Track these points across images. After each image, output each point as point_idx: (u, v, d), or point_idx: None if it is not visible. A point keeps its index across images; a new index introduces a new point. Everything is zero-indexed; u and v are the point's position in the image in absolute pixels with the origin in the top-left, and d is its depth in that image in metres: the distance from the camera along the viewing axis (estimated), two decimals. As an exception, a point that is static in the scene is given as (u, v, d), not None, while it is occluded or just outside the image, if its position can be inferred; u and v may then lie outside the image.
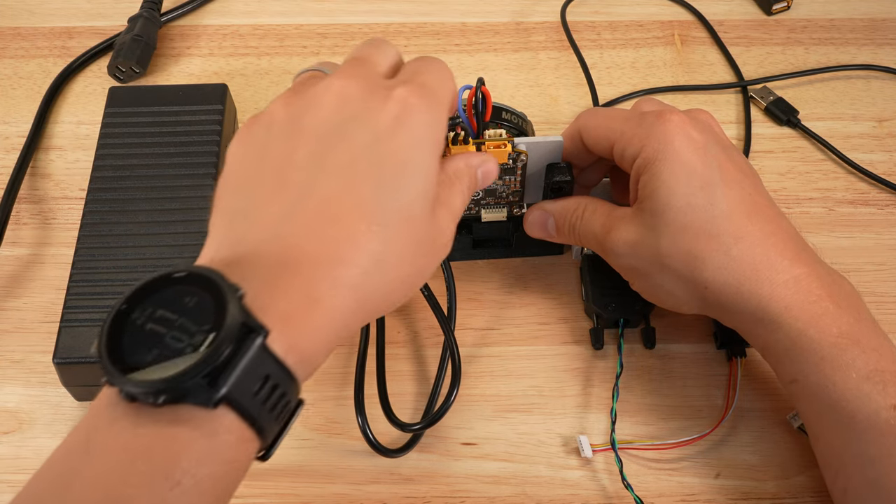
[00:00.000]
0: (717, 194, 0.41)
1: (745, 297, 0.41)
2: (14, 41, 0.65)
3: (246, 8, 0.67)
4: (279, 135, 0.35)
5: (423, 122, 0.35)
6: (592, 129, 0.45)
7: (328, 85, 0.35)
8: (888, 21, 0.67)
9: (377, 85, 0.36)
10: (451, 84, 0.38)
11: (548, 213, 0.48)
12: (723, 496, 0.45)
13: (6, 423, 0.47)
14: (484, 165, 0.40)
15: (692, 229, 0.41)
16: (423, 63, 0.38)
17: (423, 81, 0.36)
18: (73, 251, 0.49)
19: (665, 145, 0.41)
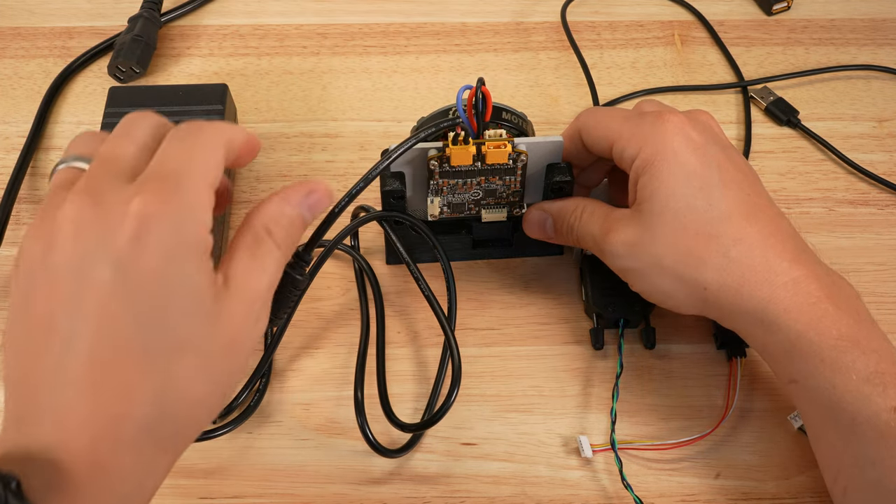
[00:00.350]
0: (716, 195, 0.41)
1: (745, 298, 0.41)
2: (14, 41, 0.65)
3: (246, 8, 0.67)
4: (37, 281, 0.31)
5: (167, 231, 0.30)
6: (592, 128, 0.45)
7: (65, 214, 0.31)
8: (888, 21, 0.67)
9: (113, 201, 0.31)
10: (202, 156, 0.33)
11: (546, 213, 0.48)
12: (723, 496, 0.45)
13: (6, 424, 0.47)
14: (310, 198, 0.36)
15: (691, 230, 0.41)
16: (175, 141, 0.33)
17: (165, 173, 0.32)
18: (73, 251, 0.49)
19: (664, 146, 0.41)
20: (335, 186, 0.57)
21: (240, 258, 0.34)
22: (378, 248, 0.54)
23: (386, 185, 0.47)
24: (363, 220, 0.50)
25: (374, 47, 0.65)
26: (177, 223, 0.31)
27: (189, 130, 0.34)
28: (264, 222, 0.34)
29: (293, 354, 0.50)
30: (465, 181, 0.48)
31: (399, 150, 0.44)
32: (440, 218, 0.49)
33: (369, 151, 0.59)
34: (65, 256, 0.31)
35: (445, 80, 0.63)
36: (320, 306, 0.52)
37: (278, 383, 0.49)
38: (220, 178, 0.33)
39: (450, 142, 0.45)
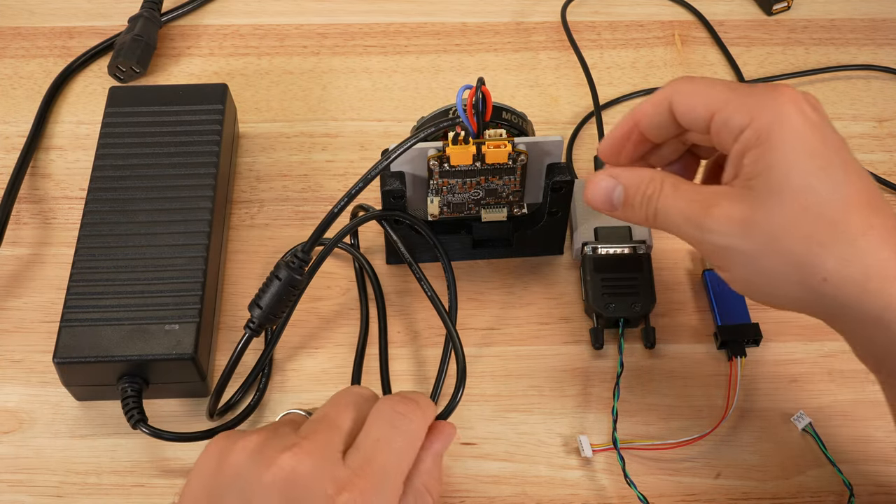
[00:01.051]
0: (840, 178, 0.36)
1: (871, 295, 0.36)
2: (14, 41, 0.65)
3: (246, 8, 0.67)
4: (228, 489, 0.35)
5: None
6: (689, 94, 0.39)
7: (282, 464, 0.35)
8: (888, 21, 0.67)
9: (327, 478, 0.34)
10: (408, 456, 0.37)
11: (616, 180, 0.42)
12: (723, 496, 0.45)
13: (6, 423, 0.47)
14: (445, 441, 0.40)
15: (812, 212, 0.36)
16: (387, 427, 0.37)
17: (374, 471, 0.35)
18: (73, 251, 0.49)
19: (782, 118, 0.37)
20: (335, 186, 0.57)
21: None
22: (378, 247, 0.54)
23: (386, 185, 0.47)
24: (363, 219, 0.50)
25: (374, 47, 0.65)
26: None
27: (402, 420, 0.37)
28: (423, 481, 0.37)
29: (293, 354, 0.50)
30: (465, 181, 0.48)
31: (399, 149, 0.44)
32: (440, 217, 0.49)
33: (369, 151, 0.59)
34: (265, 495, 0.34)
35: (445, 80, 0.63)
36: (320, 306, 0.52)
37: (278, 383, 0.49)
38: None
39: (450, 141, 0.45)
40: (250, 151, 0.59)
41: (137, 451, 0.46)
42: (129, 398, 0.45)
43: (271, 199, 0.56)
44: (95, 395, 0.48)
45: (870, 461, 0.46)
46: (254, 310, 0.44)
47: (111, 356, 0.45)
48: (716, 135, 0.39)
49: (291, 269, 0.43)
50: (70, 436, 0.47)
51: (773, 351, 0.50)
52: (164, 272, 0.48)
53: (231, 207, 0.56)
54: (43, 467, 0.46)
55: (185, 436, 0.45)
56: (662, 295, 0.52)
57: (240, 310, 0.52)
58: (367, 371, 0.49)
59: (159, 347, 0.45)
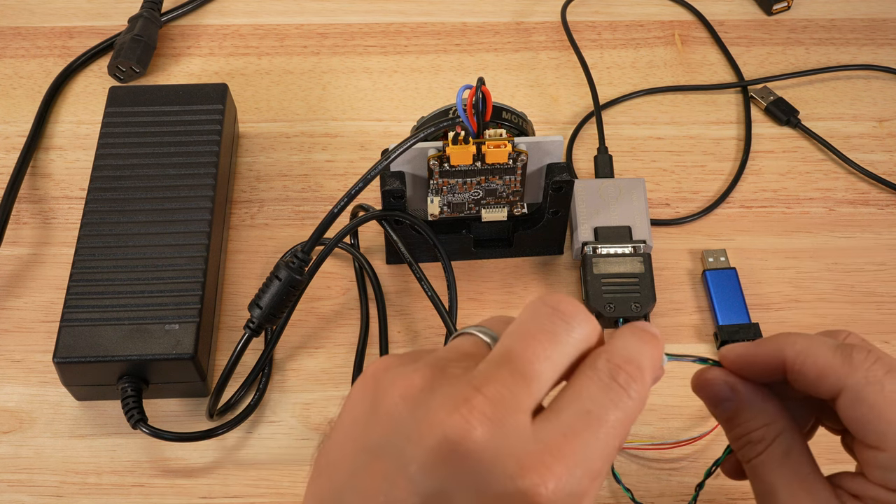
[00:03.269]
0: None
1: None
2: (14, 41, 0.65)
3: (246, 8, 0.67)
4: (382, 446, 0.27)
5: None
6: (869, 408, 0.31)
7: (452, 427, 0.26)
8: (888, 21, 0.67)
9: (507, 449, 0.26)
10: (621, 436, 0.28)
11: (733, 393, 0.35)
12: (723, 496, 0.45)
13: (6, 423, 0.48)
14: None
15: None
16: (598, 398, 0.28)
17: (576, 449, 0.26)
18: (73, 251, 0.49)
19: None
20: (335, 186, 0.57)
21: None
22: (378, 247, 0.54)
23: (386, 185, 0.47)
24: (363, 219, 0.50)
25: (374, 47, 0.65)
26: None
27: (623, 390, 0.28)
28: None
29: (293, 354, 0.50)
30: (465, 181, 0.48)
31: (399, 149, 0.44)
32: (440, 217, 0.49)
33: (369, 151, 0.59)
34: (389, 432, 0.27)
35: (445, 80, 0.63)
36: (320, 306, 0.52)
37: (278, 383, 0.49)
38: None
39: (450, 141, 0.45)
40: (250, 151, 0.59)
41: (137, 451, 0.46)
42: (129, 398, 0.45)
43: (271, 199, 0.56)
44: (95, 395, 0.48)
45: (870, 461, 0.46)
46: (254, 310, 0.44)
47: (111, 356, 0.45)
48: (871, 466, 0.32)
49: (291, 269, 0.43)
50: (70, 436, 0.47)
51: (773, 351, 0.50)
52: (164, 272, 0.48)
53: (231, 207, 0.56)
54: (43, 467, 0.46)
55: (185, 436, 0.45)
56: (662, 295, 0.52)
57: (240, 310, 0.52)
58: (367, 371, 0.49)
59: (159, 347, 0.45)
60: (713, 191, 0.57)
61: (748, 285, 0.52)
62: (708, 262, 0.52)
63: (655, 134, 0.60)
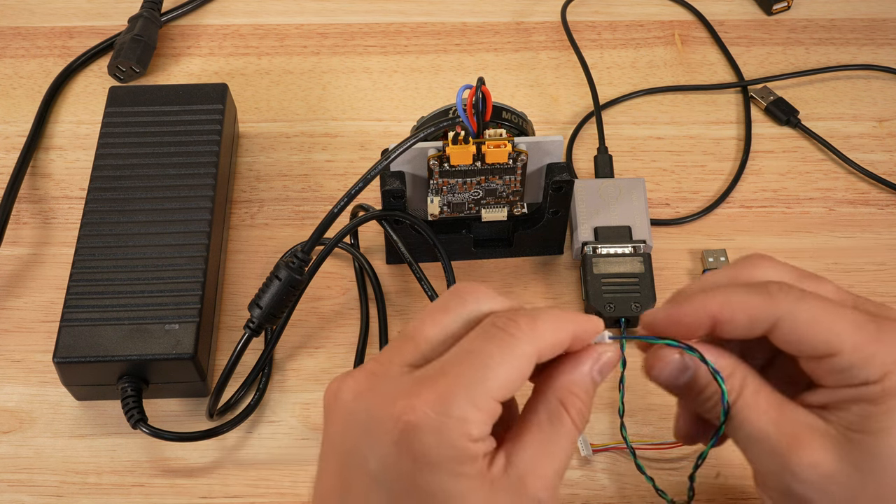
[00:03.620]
0: None
1: None
2: (14, 41, 0.65)
3: (246, 8, 0.67)
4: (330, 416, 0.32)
5: (426, 443, 0.29)
6: (806, 323, 0.33)
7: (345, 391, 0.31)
8: (888, 21, 0.67)
9: (388, 393, 0.30)
10: (502, 368, 0.30)
11: (689, 365, 0.35)
12: (723, 496, 0.45)
13: (6, 423, 0.48)
14: (601, 360, 0.33)
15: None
16: (479, 339, 0.30)
17: (446, 379, 0.29)
18: (73, 251, 0.49)
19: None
20: (335, 186, 0.57)
21: (530, 442, 0.31)
22: (378, 247, 0.54)
23: (386, 185, 0.47)
24: (363, 219, 0.50)
25: (374, 47, 0.65)
26: (438, 437, 0.29)
27: (501, 330, 0.31)
28: (560, 395, 0.32)
29: (293, 354, 0.50)
30: (465, 181, 0.48)
31: (399, 149, 0.44)
32: (440, 217, 0.49)
33: (369, 151, 0.59)
34: (341, 439, 0.31)
35: (445, 80, 0.63)
36: (320, 306, 0.52)
37: (278, 383, 0.49)
38: (518, 390, 0.31)
39: (450, 141, 0.45)
40: (250, 151, 0.59)
41: (137, 450, 0.46)
42: (129, 398, 0.45)
43: (271, 199, 0.56)
44: (95, 394, 0.48)
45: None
46: (254, 310, 0.44)
47: (111, 356, 0.45)
48: (824, 373, 0.33)
49: (291, 269, 0.43)
50: (70, 436, 0.47)
51: (773, 351, 0.50)
52: (164, 272, 0.48)
53: (231, 207, 0.56)
54: (43, 467, 0.46)
55: (185, 436, 0.45)
56: (662, 295, 0.52)
57: (240, 310, 0.52)
58: (367, 371, 0.49)
59: (159, 347, 0.45)
60: (713, 191, 0.57)
61: (748, 285, 0.52)
62: (708, 262, 0.52)
63: (655, 134, 0.60)
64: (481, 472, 0.30)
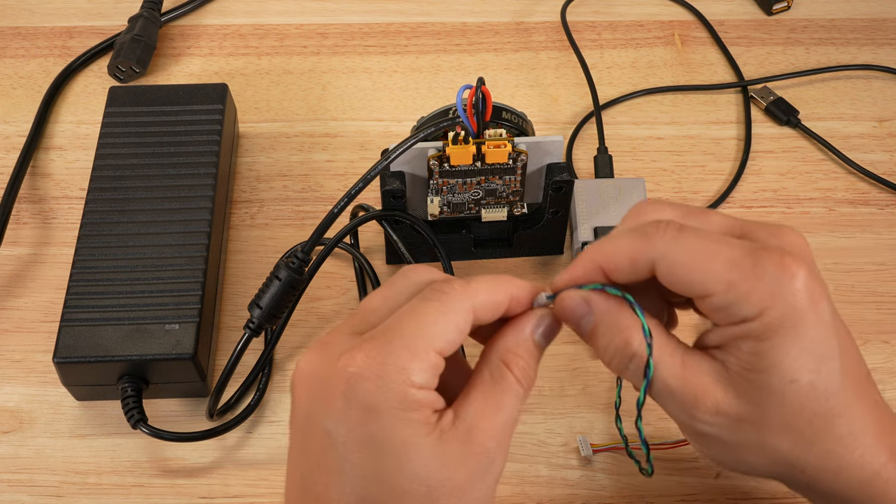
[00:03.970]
0: (835, 368, 0.34)
1: (843, 482, 0.35)
2: (14, 41, 0.65)
3: (246, 8, 0.67)
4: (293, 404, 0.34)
5: (370, 390, 0.31)
6: (682, 268, 0.33)
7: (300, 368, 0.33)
8: (888, 21, 0.67)
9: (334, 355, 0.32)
10: (432, 321, 0.32)
11: (590, 307, 0.35)
12: (723, 496, 0.45)
13: (6, 423, 0.48)
14: (543, 323, 0.34)
15: (808, 411, 0.34)
16: (418, 300, 0.33)
17: (385, 332, 0.32)
18: (73, 251, 0.49)
19: (794, 315, 0.33)
20: (335, 186, 0.57)
21: (475, 397, 0.33)
22: (378, 247, 0.54)
23: (386, 185, 0.47)
24: (363, 219, 0.50)
25: (374, 47, 0.65)
26: (380, 383, 0.31)
27: (437, 291, 0.33)
28: (501, 355, 0.34)
29: (293, 354, 0.50)
30: (465, 181, 0.48)
31: (399, 149, 0.44)
32: (440, 217, 0.49)
33: (369, 151, 0.59)
34: (301, 406, 0.33)
35: (445, 80, 0.63)
36: (320, 306, 0.52)
37: (278, 383, 0.49)
38: (458, 343, 0.33)
39: (450, 141, 0.45)
40: (250, 151, 0.59)
41: (137, 451, 0.46)
42: (129, 398, 0.45)
43: (271, 199, 0.56)
44: (95, 395, 0.48)
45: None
46: (254, 310, 0.44)
47: (111, 356, 0.45)
48: (709, 312, 0.34)
49: (291, 270, 0.43)
50: (70, 436, 0.47)
51: (773, 351, 0.50)
52: (164, 272, 0.48)
53: (231, 207, 0.56)
54: (43, 467, 0.46)
55: (185, 436, 0.45)
56: (662, 295, 0.52)
57: (240, 310, 0.52)
58: (367, 371, 0.49)
59: (159, 347, 0.45)
60: (713, 191, 0.57)
61: (748, 285, 0.52)
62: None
63: (655, 134, 0.60)
64: (429, 421, 0.31)
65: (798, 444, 0.34)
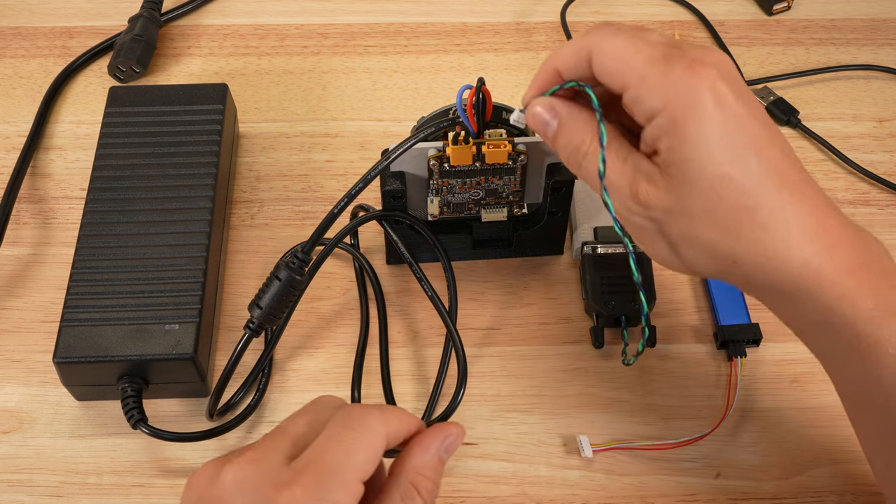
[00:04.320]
0: (752, 161, 0.36)
1: (774, 272, 0.37)
2: (14, 41, 0.65)
3: (246, 8, 0.67)
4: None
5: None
6: (608, 55, 0.38)
7: (224, 478, 0.34)
8: (888, 21, 0.67)
9: (269, 482, 0.33)
10: (362, 452, 0.34)
11: (555, 113, 0.40)
12: (723, 496, 0.45)
13: (6, 423, 0.48)
14: (447, 441, 0.37)
15: (727, 202, 0.36)
16: (339, 428, 0.35)
17: (319, 467, 0.33)
18: (73, 251, 0.49)
19: (696, 106, 0.36)
20: (335, 186, 0.57)
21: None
22: (378, 247, 0.54)
23: (386, 185, 0.47)
24: (363, 219, 0.50)
25: (374, 47, 0.65)
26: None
27: (355, 418, 0.35)
28: (410, 477, 0.36)
29: (293, 354, 0.50)
30: (465, 181, 0.48)
31: (399, 149, 0.44)
32: (440, 217, 0.49)
33: (369, 151, 0.59)
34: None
35: (445, 80, 0.63)
36: (320, 306, 0.52)
37: (278, 383, 0.49)
38: (374, 469, 0.35)
39: (450, 141, 0.45)
40: (250, 151, 0.59)
41: (137, 451, 0.46)
42: (129, 398, 0.45)
43: (271, 199, 0.56)
44: (95, 395, 0.48)
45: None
46: (254, 310, 0.44)
47: (111, 356, 0.45)
48: (627, 108, 0.38)
49: (291, 270, 0.43)
50: (70, 436, 0.47)
51: (773, 351, 0.50)
52: (164, 272, 0.48)
53: (231, 207, 0.56)
54: (43, 467, 0.46)
55: (185, 436, 0.45)
56: (662, 295, 0.52)
57: (240, 310, 0.52)
58: (368, 371, 0.49)
59: (159, 347, 0.45)
60: (713, 191, 0.57)
61: (748, 285, 0.52)
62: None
63: (655, 134, 0.60)
64: None
65: (724, 234, 0.37)
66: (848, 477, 0.45)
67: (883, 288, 0.37)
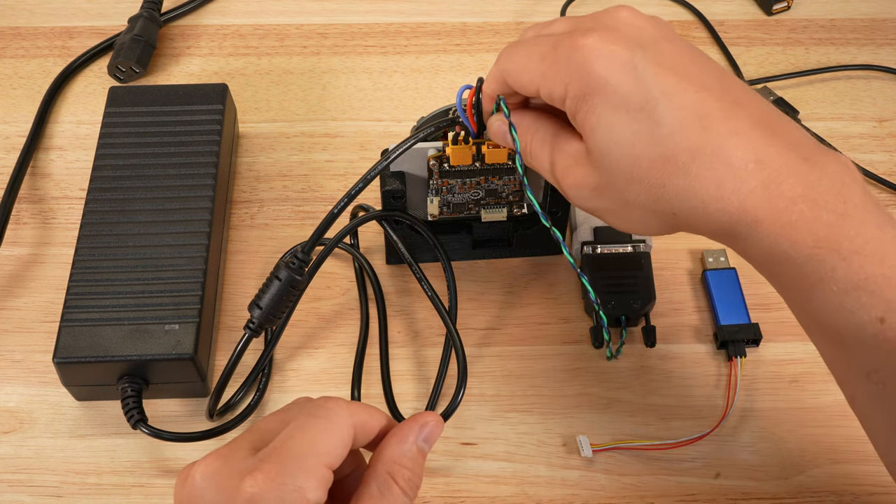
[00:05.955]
0: (660, 109, 0.35)
1: (714, 216, 0.36)
2: (14, 41, 0.65)
3: (246, 8, 0.67)
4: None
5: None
6: (514, 74, 0.39)
7: (193, 475, 0.34)
8: (888, 21, 0.67)
9: (234, 471, 0.33)
10: (327, 438, 0.34)
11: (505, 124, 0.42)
12: (723, 496, 0.45)
13: (6, 423, 0.48)
14: (424, 430, 0.37)
15: (644, 159, 0.36)
16: (305, 417, 0.35)
17: (282, 453, 0.33)
18: (73, 251, 0.49)
19: (588, 77, 0.36)
20: (335, 186, 0.57)
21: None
22: (378, 248, 0.54)
23: (386, 185, 0.47)
24: (363, 220, 0.50)
25: (374, 47, 0.65)
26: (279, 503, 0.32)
27: (321, 408, 0.35)
28: (387, 467, 0.35)
29: (293, 354, 0.50)
30: (465, 181, 0.48)
31: (399, 149, 0.44)
32: (440, 217, 0.49)
33: (369, 151, 0.59)
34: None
35: (445, 80, 0.63)
36: (320, 306, 0.52)
37: (278, 383, 0.49)
38: (342, 457, 0.35)
39: (449, 141, 0.45)
40: (250, 151, 0.59)
41: (137, 451, 0.46)
42: (129, 398, 0.45)
43: (271, 199, 0.56)
44: (95, 395, 0.48)
45: (870, 461, 0.46)
46: (254, 310, 0.44)
47: (111, 356, 0.45)
48: (550, 103, 0.39)
49: (291, 270, 0.43)
50: (70, 436, 0.47)
51: (773, 351, 0.50)
52: (164, 272, 0.48)
53: (231, 207, 0.56)
54: (43, 467, 0.46)
55: (185, 436, 0.45)
56: (662, 295, 0.52)
57: (240, 310, 0.52)
58: (368, 371, 0.49)
59: (159, 347, 0.45)
60: (713, 191, 0.57)
61: (748, 285, 0.52)
62: (708, 263, 0.52)
63: (655, 134, 0.60)
64: None
65: (652, 191, 0.36)
66: (847, 477, 0.45)
67: (828, 220, 0.34)
